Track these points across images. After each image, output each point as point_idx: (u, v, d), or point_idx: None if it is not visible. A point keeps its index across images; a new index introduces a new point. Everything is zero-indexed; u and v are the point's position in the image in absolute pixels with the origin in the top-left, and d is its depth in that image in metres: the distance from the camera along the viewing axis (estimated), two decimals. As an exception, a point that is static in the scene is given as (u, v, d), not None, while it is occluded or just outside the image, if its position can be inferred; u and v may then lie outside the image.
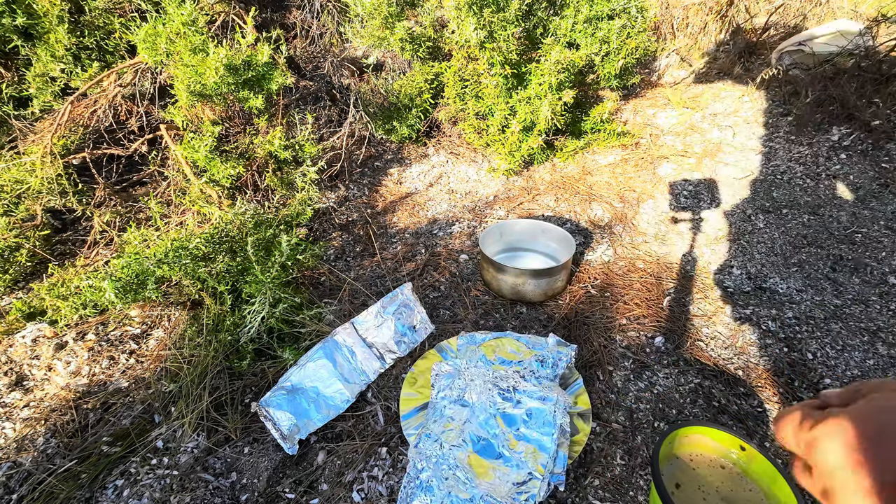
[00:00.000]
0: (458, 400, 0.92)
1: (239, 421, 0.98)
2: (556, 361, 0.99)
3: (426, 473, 0.79)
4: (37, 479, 0.87)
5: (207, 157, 1.40)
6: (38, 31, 1.51)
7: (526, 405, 0.90)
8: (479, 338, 1.08)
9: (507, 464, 0.82)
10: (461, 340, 1.09)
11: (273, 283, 1.09)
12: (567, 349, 1.01)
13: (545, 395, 0.91)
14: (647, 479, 0.87)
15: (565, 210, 1.71)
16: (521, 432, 0.87)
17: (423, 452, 0.82)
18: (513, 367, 0.98)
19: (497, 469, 0.82)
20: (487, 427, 0.87)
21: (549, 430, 0.86)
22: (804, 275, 1.38)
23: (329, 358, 1.01)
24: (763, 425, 0.97)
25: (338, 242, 1.57)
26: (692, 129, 2.16)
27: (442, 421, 0.88)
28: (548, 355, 1.00)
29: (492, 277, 1.27)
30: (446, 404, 0.91)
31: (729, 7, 2.78)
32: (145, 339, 1.19)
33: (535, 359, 1.00)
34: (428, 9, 1.80)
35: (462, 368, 0.97)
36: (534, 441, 0.85)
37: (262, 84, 1.40)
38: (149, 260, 1.04)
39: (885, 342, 1.15)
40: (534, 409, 0.90)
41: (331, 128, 1.89)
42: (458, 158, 2.04)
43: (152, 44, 1.28)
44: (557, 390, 0.92)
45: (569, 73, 1.64)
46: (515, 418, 0.89)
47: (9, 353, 1.15)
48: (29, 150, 1.44)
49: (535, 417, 0.89)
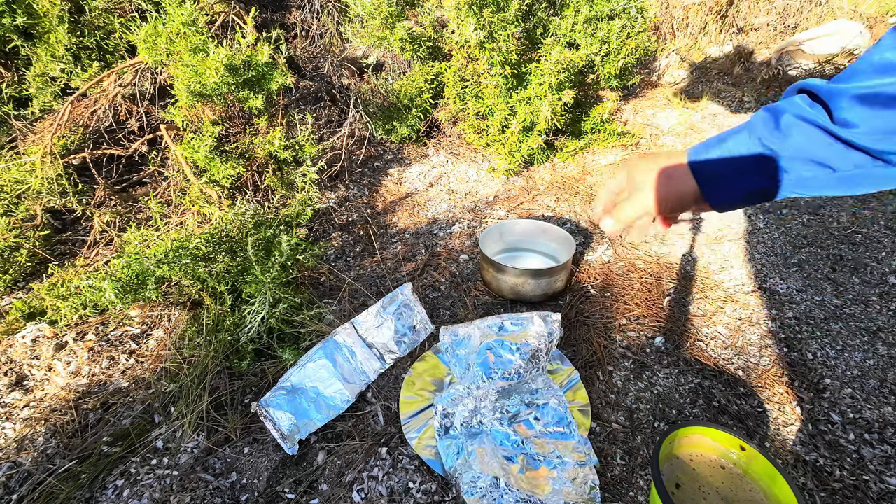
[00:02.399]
0: (469, 429, 0.90)
1: (239, 421, 0.98)
2: (549, 346, 0.99)
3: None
4: (37, 479, 0.87)
5: (207, 157, 1.40)
6: (38, 31, 1.50)
7: (532, 405, 0.91)
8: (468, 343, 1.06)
9: (552, 468, 0.83)
10: (445, 341, 1.06)
11: (273, 283, 1.09)
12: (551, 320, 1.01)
13: (542, 390, 0.92)
14: (647, 479, 0.87)
15: (565, 210, 1.71)
16: (541, 432, 0.88)
17: (484, 496, 0.79)
18: (512, 371, 0.97)
19: (549, 477, 0.82)
20: (511, 443, 0.88)
21: (562, 419, 0.88)
22: (804, 275, 1.39)
23: (329, 358, 1.01)
24: (763, 425, 0.97)
25: (338, 242, 1.57)
26: (692, 129, 2.16)
27: (473, 459, 0.85)
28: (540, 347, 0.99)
29: (492, 277, 1.27)
30: (462, 441, 0.88)
31: (729, 7, 2.78)
32: (145, 340, 1.19)
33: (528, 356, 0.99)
34: (428, 9, 1.80)
35: (464, 395, 0.94)
36: (556, 435, 0.87)
37: (262, 84, 1.40)
38: (149, 260, 1.04)
39: (885, 342, 1.16)
40: (539, 405, 0.90)
41: (331, 128, 1.89)
42: (458, 158, 2.04)
43: (152, 44, 1.28)
44: (550, 381, 0.94)
45: (569, 73, 1.64)
46: (529, 421, 0.90)
47: (9, 353, 1.15)
48: (29, 150, 1.44)
49: (545, 413, 0.89)
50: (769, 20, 2.78)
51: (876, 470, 0.88)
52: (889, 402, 1.02)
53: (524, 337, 0.98)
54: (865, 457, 0.91)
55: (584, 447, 0.86)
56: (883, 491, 0.85)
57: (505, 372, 0.94)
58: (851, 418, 0.98)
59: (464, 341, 1.02)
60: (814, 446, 0.93)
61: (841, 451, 0.92)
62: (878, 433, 0.95)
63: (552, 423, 0.89)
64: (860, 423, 0.97)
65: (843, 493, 0.85)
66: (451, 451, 0.88)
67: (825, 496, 0.85)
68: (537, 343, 0.98)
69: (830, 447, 0.93)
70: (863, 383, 1.06)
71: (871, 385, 1.05)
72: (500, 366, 0.95)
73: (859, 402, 1.02)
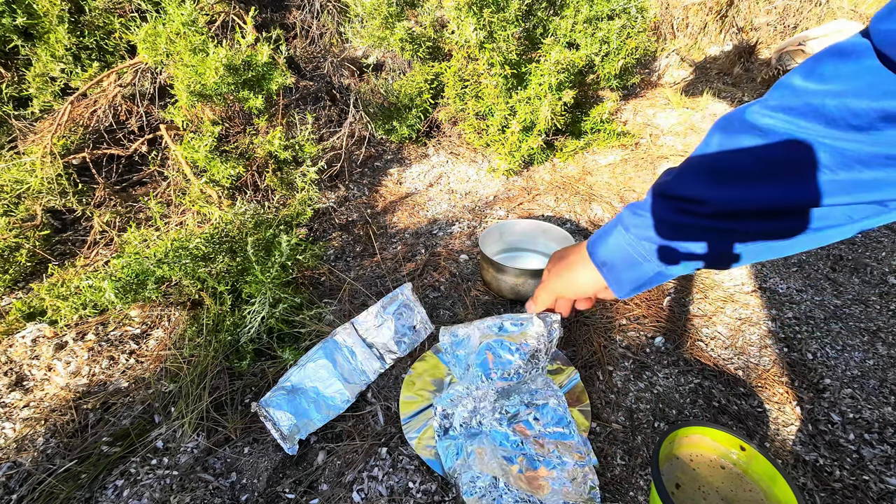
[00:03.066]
0: (468, 429, 0.90)
1: (239, 421, 0.98)
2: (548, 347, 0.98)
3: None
4: (37, 479, 0.87)
5: (207, 157, 1.40)
6: (38, 31, 1.50)
7: (531, 405, 0.91)
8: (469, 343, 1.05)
9: (551, 468, 0.83)
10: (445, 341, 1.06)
11: (273, 283, 1.09)
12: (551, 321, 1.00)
13: (541, 390, 0.91)
14: (647, 479, 0.87)
15: (565, 210, 1.71)
16: (541, 432, 0.88)
17: (483, 497, 0.79)
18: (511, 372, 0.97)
19: (549, 478, 0.82)
20: (510, 443, 0.87)
21: (562, 419, 0.88)
22: (804, 275, 1.39)
23: (329, 358, 1.01)
24: (763, 425, 0.97)
25: (338, 242, 1.57)
26: (692, 130, 2.16)
27: (472, 459, 0.85)
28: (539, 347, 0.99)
29: (492, 277, 1.27)
30: (462, 442, 0.88)
31: (729, 7, 2.78)
32: (145, 339, 1.19)
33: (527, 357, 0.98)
34: (428, 9, 1.80)
35: (463, 396, 0.95)
36: (555, 435, 0.86)
37: (262, 84, 1.40)
38: (149, 260, 1.04)
39: (885, 342, 1.16)
40: (539, 405, 0.90)
41: (331, 128, 1.89)
42: (458, 158, 2.04)
43: (152, 44, 1.28)
44: (550, 381, 0.94)
45: (569, 73, 1.64)
46: (529, 421, 0.89)
47: (9, 353, 1.15)
48: (29, 150, 1.44)
49: (544, 413, 0.89)
50: (769, 20, 2.78)
51: (876, 470, 0.88)
52: (889, 402, 1.02)
53: (524, 337, 0.98)
54: (865, 457, 0.91)
55: (584, 447, 0.86)
56: (883, 491, 0.85)
57: (504, 372, 0.93)
58: (851, 418, 0.98)
59: (463, 341, 1.02)
60: (814, 446, 0.93)
61: (841, 451, 0.92)
62: (878, 433, 0.95)
63: (552, 423, 0.89)
64: (860, 423, 0.97)
65: (842, 493, 0.85)
66: (450, 452, 0.88)
67: (825, 496, 0.85)
68: (537, 343, 0.98)
69: (830, 447, 0.93)
70: (863, 383, 1.06)
71: (871, 385, 1.05)
72: (499, 366, 0.94)
73: (859, 402, 1.02)
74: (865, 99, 0.33)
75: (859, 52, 0.34)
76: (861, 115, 0.34)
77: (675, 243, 0.48)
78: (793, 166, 0.38)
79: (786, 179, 0.38)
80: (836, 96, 0.35)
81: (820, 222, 0.40)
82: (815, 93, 0.37)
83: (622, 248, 0.52)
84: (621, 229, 0.52)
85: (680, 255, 0.48)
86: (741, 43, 2.69)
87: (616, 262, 0.54)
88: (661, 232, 0.48)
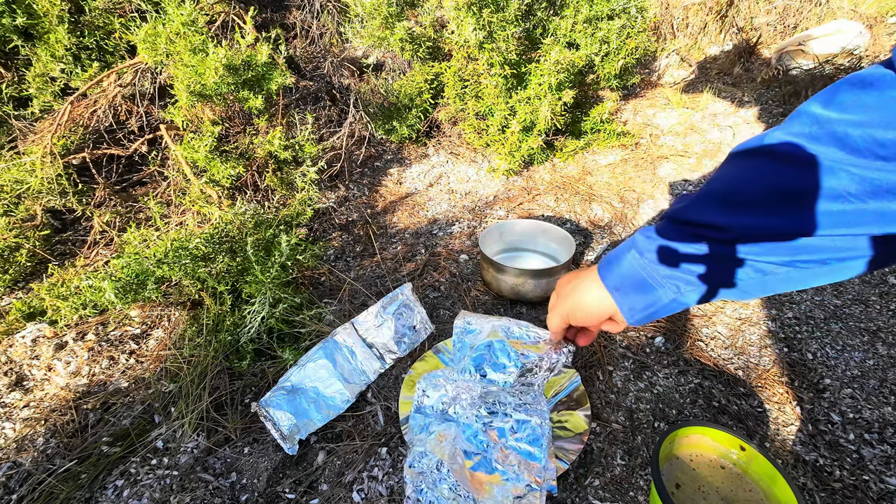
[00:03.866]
0: (443, 413, 0.91)
1: (239, 421, 0.98)
2: (553, 365, 0.98)
3: (428, 496, 0.78)
4: (37, 479, 0.87)
5: (207, 157, 1.40)
6: (38, 31, 1.50)
7: (513, 417, 0.90)
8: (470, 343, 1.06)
9: (504, 478, 0.82)
10: (459, 324, 1.06)
11: (273, 283, 1.09)
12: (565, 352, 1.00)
13: (529, 406, 0.91)
14: (647, 479, 0.87)
15: (565, 210, 1.71)
16: (510, 444, 0.87)
17: (423, 472, 0.81)
18: (505, 374, 0.97)
19: (496, 484, 0.81)
20: (476, 441, 0.87)
21: (537, 440, 0.86)
22: (804, 275, 1.39)
23: (329, 358, 1.01)
24: (763, 425, 0.97)
25: (338, 242, 1.57)
26: (692, 130, 2.16)
27: (431, 438, 0.87)
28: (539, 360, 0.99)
29: (492, 278, 1.27)
30: (432, 420, 0.90)
31: (729, 7, 2.78)
32: (145, 340, 1.20)
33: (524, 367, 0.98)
34: (428, 9, 1.80)
35: (448, 381, 0.95)
36: (523, 452, 0.85)
37: (262, 84, 1.40)
38: (149, 260, 1.04)
39: (885, 342, 1.16)
40: (520, 420, 0.89)
41: (331, 128, 1.89)
42: (458, 158, 2.04)
43: (152, 44, 1.28)
44: (541, 400, 0.93)
45: (569, 73, 1.64)
46: (504, 430, 0.89)
47: (9, 353, 1.15)
48: (29, 150, 1.44)
49: (522, 429, 0.88)
50: (769, 20, 2.78)
51: (876, 470, 0.88)
52: (889, 402, 1.02)
53: (528, 349, 0.97)
54: (865, 457, 0.91)
55: (547, 474, 0.84)
56: (883, 491, 0.85)
57: (493, 374, 0.93)
58: (851, 418, 0.98)
59: (474, 331, 1.02)
60: (814, 446, 0.93)
61: (841, 451, 0.92)
62: (878, 433, 0.95)
63: (525, 439, 0.87)
64: (860, 423, 0.97)
65: (842, 493, 0.85)
66: (417, 425, 0.91)
67: (825, 496, 0.85)
68: (538, 360, 0.97)
69: (830, 447, 0.93)
70: (863, 383, 1.06)
71: (871, 385, 1.05)
72: (491, 366, 0.94)
73: (859, 402, 1.02)
74: (892, 130, 0.33)
75: (884, 82, 0.34)
76: (888, 146, 0.33)
77: (692, 269, 0.46)
78: (813, 194, 0.37)
79: (806, 207, 0.38)
80: (859, 126, 0.35)
81: (843, 253, 0.39)
82: (837, 121, 0.36)
83: (636, 272, 0.50)
84: (635, 253, 0.50)
85: (697, 283, 0.46)
86: (741, 43, 2.69)
87: (628, 286, 0.51)
88: (676, 258, 0.46)
